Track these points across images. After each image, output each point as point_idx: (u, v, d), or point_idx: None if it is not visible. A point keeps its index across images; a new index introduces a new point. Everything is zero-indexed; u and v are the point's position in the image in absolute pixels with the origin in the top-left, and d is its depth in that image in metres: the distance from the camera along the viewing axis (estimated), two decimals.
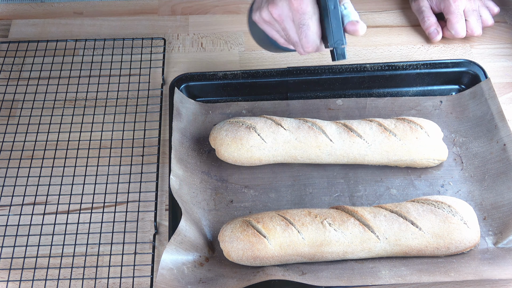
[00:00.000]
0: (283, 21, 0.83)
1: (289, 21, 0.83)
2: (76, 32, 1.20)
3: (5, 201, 0.94)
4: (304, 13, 0.80)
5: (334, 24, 0.81)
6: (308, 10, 0.80)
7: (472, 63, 1.07)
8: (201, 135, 1.01)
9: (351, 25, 0.81)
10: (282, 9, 0.82)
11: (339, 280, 0.81)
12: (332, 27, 0.81)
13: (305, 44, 0.83)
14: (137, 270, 0.86)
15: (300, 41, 0.83)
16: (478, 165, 0.96)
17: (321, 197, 0.94)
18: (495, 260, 0.84)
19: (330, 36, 0.81)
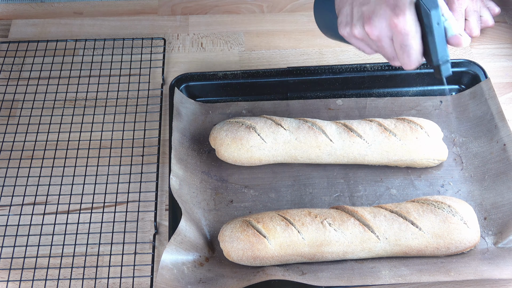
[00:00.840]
0: (381, 41, 0.78)
1: (387, 40, 0.77)
2: (76, 32, 1.20)
3: (5, 201, 0.94)
4: (407, 34, 0.75)
5: (438, 41, 0.76)
6: (411, 30, 0.75)
7: (472, 63, 1.07)
8: (201, 135, 1.01)
9: (454, 39, 0.77)
10: (381, 29, 0.76)
11: (339, 280, 0.81)
12: (436, 45, 0.76)
13: (407, 63, 0.78)
14: (137, 270, 0.86)
15: (401, 59, 0.78)
16: (478, 165, 0.96)
17: (321, 197, 0.94)
18: (495, 260, 0.84)
19: (435, 54, 0.77)
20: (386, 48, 0.78)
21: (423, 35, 0.76)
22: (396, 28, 0.75)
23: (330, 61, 1.14)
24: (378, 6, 0.76)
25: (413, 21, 0.75)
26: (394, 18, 0.74)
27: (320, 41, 1.18)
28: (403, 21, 0.74)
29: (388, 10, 0.75)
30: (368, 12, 0.76)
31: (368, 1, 0.77)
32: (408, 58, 0.77)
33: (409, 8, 0.74)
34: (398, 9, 0.74)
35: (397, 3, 0.74)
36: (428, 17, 0.75)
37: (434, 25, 0.75)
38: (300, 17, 1.23)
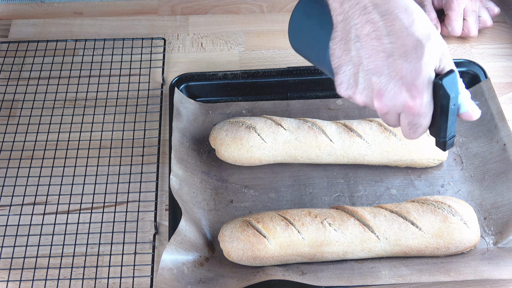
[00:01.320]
0: (387, 114, 0.71)
1: (395, 114, 0.70)
2: (76, 32, 1.20)
3: (5, 201, 0.94)
4: (419, 115, 0.68)
5: (450, 121, 0.70)
6: (425, 112, 0.68)
7: (472, 63, 1.07)
8: (201, 135, 1.01)
9: (467, 116, 0.71)
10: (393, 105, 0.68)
11: (339, 280, 0.81)
12: (448, 124, 0.70)
13: (411, 137, 0.72)
14: (137, 270, 0.86)
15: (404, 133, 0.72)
16: (478, 165, 0.96)
17: (321, 197, 0.94)
18: (495, 260, 0.84)
19: (443, 131, 0.71)
20: (391, 120, 0.72)
21: (435, 112, 0.70)
22: (411, 110, 0.68)
23: None
24: (392, 83, 0.67)
25: (429, 103, 0.68)
26: (410, 100, 0.67)
27: None
28: (420, 104, 0.67)
29: (404, 90, 0.67)
30: (379, 86, 0.68)
31: (381, 72, 0.67)
32: (413, 134, 0.71)
33: (427, 88, 0.67)
34: (415, 90, 0.66)
35: (415, 82, 0.66)
36: (447, 100, 0.68)
37: (450, 108, 0.69)
38: None
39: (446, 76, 0.67)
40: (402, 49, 0.66)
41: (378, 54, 0.67)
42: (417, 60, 0.66)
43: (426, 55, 0.66)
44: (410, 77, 0.66)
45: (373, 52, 0.67)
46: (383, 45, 0.66)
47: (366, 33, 0.67)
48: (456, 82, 0.68)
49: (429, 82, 0.67)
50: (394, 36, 0.66)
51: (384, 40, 0.66)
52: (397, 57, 0.66)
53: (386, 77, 0.67)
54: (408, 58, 0.66)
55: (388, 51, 0.66)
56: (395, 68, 0.66)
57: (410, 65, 0.66)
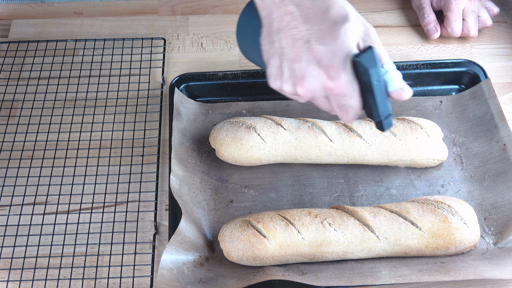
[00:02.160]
0: (316, 100, 0.73)
1: (323, 99, 0.72)
2: (76, 32, 1.20)
3: (5, 201, 0.94)
4: (344, 95, 0.70)
5: (379, 98, 0.71)
6: (348, 91, 0.70)
7: (472, 63, 1.08)
8: (201, 135, 1.01)
9: (396, 94, 0.72)
10: (314, 89, 0.70)
11: (339, 280, 0.81)
12: (377, 102, 0.72)
13: (344, 118, 0.74)
14: (137, 270, 0.86)
15: (339, 115, 0.74)
16: (478, 165, 0.96)
17: (321, 197, 0.94)
18: (495, 260, 0.84)
19: (376, 110, 0.72)
20: (322, 105, 0.74)
21: (363, 91, 0.72)
22: (332, 91, 0.70)
23: None
24: (311, 67, 0.69)
25: (349, 82, 0.69)
26: (329, 81, 0.69)
27: None
28: (339, 84, 0.69)
29: (322, 72, 0.69)
30: (299, 72, 0.70)
31: (300, 59, 0.70)
32: (346, 115, 0.73)
33: (344, 67, 0.69)
34: (333, 71, 0.68)
35: (332, 63, 0.68)
36: (367, 76, 0.70)
37: (373, 84, 0.70)
38: None
39: (363, 52, 0.69)
40: (318, 33, 0.68)
41: (297, 42, 0.69)
42: (333, 42, 0.68)
43: (342, 36, 0.68)
44: (327, 59, 0.68)
45: (292, 40, 0.70)
46: (300, 33, 0.69)
47: (285, 24, 0.70)
48: (375, 58, 0.69)
49: (347, 62, 0.69)
50: (311, 23, 0.69)
51: (301, 28, 0.69)
52: (314, 42, 0.68)
53: (305, 62, 0.69)
54: (324, 41, 0.68)
55: (305, 38, 0.69)
56: (312, 52, 0.69)
57: (326, 48, 0.68)
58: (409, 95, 0.73)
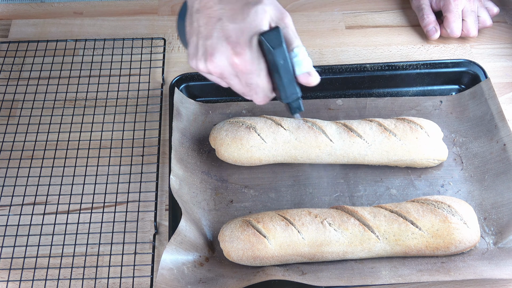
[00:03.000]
0: (226, 78, 0.75)
1: (233, 77, 0.74)
2: (76, 32, 1.20)
3: (5, 201, 0.94)
4: (250, 72, 0.73)
5: (285, 79, 0.74)
6: (253, 69, 0.72)
7: (472, 63, 1.08)
8: (201, 135, 1.01)
9: (303, 78, 0.75)
10: (223, 67, 0.73)
11: (339, 280, 0.81)
12: (283, 82, 0.74)
13: (255, 99, 0.77)
14: (137, 270, 0.86)
15: (249, 96, 0.77)
16: (478, 165, 0.96)
17: (321, 197, 0.94)
18: (495, 260, 0.84)
19: (283, 92, 0.75)
20: (234, 84, 0.76)
21: (271, 72, 0.74)
22: (238, 67, 0.72)
23: (330, 61, 1.14)
24: (220, 43, 0.72)
25: (255, 60, 0.72)
26: (234, 57, 0.71)
27: (320, 41, 1.18)
28: (243, 60, 0.71)
29: (229, 48, 0.71)
30: (210, 48, 0.72)
31: (211, 36, 0.73)
32: (256, 95, 0.76)
33: (250, 46, 0.71)
34: (239, 47, 0.71)
35: (238, 40, 0.71)
36: (272, 56, 0.72)
37: (279, 64, 0.72)
38: (300, 17, 1.23)
39: (269, 32, 0.72)
40: (230, 12, 0.72)
41: (211, 20, 0.73)
42: (242, 20, 0.72)
43: (252, 15, 0.72)
44: (235, 36, 0.71)
45: (207, 19, 0.73)
46: (215, 12, 0.73)
47: (203, 4, 0.74)
48: (280, 38, 0.72)
49: (254, 40, 0.72)
50: (225, 2, 0.73)
51: (215, 7, 0.73)
52: (225, 20, 0.72)
53: (215, 39, 0.72)
54: (235, 19, 0.72)
55: (218, 16, 0.73)
56: (223, 29, 0.72)
57: (235, 26, 0.72)
58: (316, 81, 0.76)
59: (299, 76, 0.75)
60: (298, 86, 0.76)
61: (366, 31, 1.20)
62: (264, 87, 0.75)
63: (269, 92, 0.76)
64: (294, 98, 0.76)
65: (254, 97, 0.77)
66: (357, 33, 1.20)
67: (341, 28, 1.21)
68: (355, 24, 1.22)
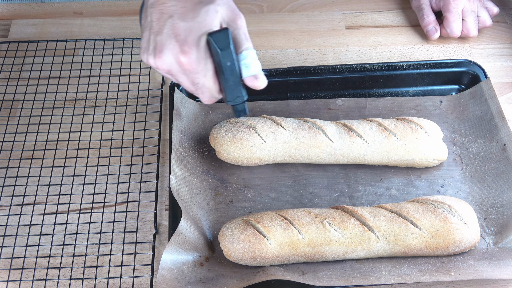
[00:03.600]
0: (174, 75, 0.75)
1: (180, 75, 0.74)
2: (76, 32, 1.20)
3: (5, 201, 0.94)
4: (196, 72, 0.73)
5: (230, 81, 0.74)
6: (199, 69, 0.73)
7: (472, 63, 1.07)
8: (201, 135, 1.01)
9: (249, 81, 0.75)
10: (170, 64, 0.73)
11: (339, 280, 0.81)
12: (228, 84, 0.74)
13: (202, 99, 0.78)
14: (137, 270, 0.86)
15: (196, 95, 0.78)
16: (478, 165, 0.96)
17: (321, 197, 0.94)
18: (495, 260, 0.84)
19: (228, 93, 0.76)
20: (181, 82, 0.76)
21: (218, 73, 0.74)
22: (184, 66, 0.72)
23: (330, 61, 1.14)
24: (169, 40, 0.72)
25: (201, 60, 0.72)
26: (181, 56, 0.71)
27: (320, 41, 1.18)
28: (190, 59, 0.71)
29: (177, 46, 0.71)
30: (160, 44, 0.72)
31: (161, 32, 0.73)
32: (202, 94, 0.76)
33: (197, 45, 0.72)
34: (186, 46, 0.71)
35: (186, 38, 0.71)
36: (219, 57, 0.72)
37: (225, 65, 0.73)
38: (300, 17, 1.23)
39: (217, 33, 0.72)
40: (182, 10, 0.73)
41: (162, 16, 0.73)
42: (192, 19, 0.72)
43: (202, 15, 0.72)
44: (184, 35, 0.71)
45: (160, 15, 0.73)
46: (167, 8, 0.73)
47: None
48: (228, 39, 0.72)
49: (202, 40, 0.72)
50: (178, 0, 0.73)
51: (169, 3, 0.73)
52: (176, 17, 0.72)
53: (165, 36, 0.72)
54: (185, 18, 0.72)
55: (170, 13, 0.73)
56: (173, 27, 0.72)
57: (185, 24, 0.72)
58: (262, 84, 0.76)
59: (245, 78, 0.75)
60: (245, 89, 0.76)
61: (366, 31, 1.20)
62: (210, 88, 0.75)
63: (216, 93, 0.77)
64: (238, 101, 0.77)
65: (200, 96, 0.78)
66: (357, 33, 1.20)
67: (341, 28, 1.21)
68: (355, 24, 1.22)
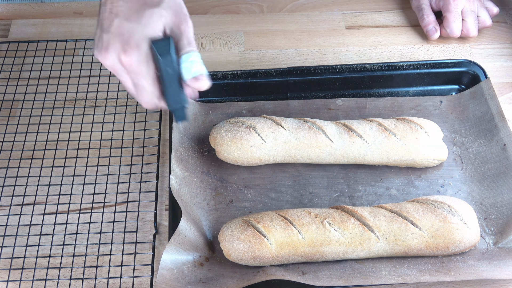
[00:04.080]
0: (118, 74, 0.76)
1: (123, 74, 0.76)
2: (76, 32, 1.20)
3: (5, 201, 0.94)
4: (137, 73, 0.74)
5: (169, 87, 0.76)
6: (140, 70, 0.74)
7: (472, 63, 1.07)
8: (201, 135, 1.01)
9: (191, 83, 0.76)
10: (114, 62, 0.74)
11: (339, 280, 0.81)
12: (168, 90, 0.76)
13: (142, 101, 0.78)
14: (137, 270, 0.86)
15: (137, 97, 0.78)
16: (478, 165, 0.96)
17: (321, 197, 0.94)
18: (495, 260, 0.84)
19: (167, 98, 0.77)
20: (124, 82, 0.77)
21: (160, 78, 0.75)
22: (124, 65, 0.74)
23: (330, 61, 1.14)
24: (114, 39, 0.73)
25: (142, 62, 0.73)
26: (122, 55, 0.73)
27: (320, 41, 1.18)
28: (130, 60, 0.73)
29: (120, 45, 0.73)
30: (106, 42, 0.74)
31: (109, 30, 0.74)
32: (141, 97, 0.77)
33: (139, 47, 0.73)
34: (127, 46, 0.73)
35: (129, 39, 0.73)
36: (159, 63, 0.73)
37: (164, 72, 0.74)
38: (300, 17, 1.23)
39: (160, 40, 0.74)
40: (128, 11, 0.74)
41: (111, 15, 0.75)
42: (136, 21, 0.73)
43: (146, 17, 0.73)
44: (127, 36, 0.73)
45: (109, 14, 0.75)
46: (116, 8, 0.75)
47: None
48: (169, 48, 0.73)
49: (144, 42, 0.73)
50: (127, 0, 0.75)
51: (118, 3, 0.75)
52: (122, 17, 0.74)
53: (111, 34, 0.74)
54: (130, 19, 0.74)
55: (117, 12, 0.74)
56: (119, 26, 0.73)
57: (129, 25, 0.73)
58: (204, 85, 0.76)
59: (187, 81, 0.76)
60: (186, 96, 0.78)
61: (366, 31, 1.20)
62: (150, 91, 0.76)
63: (156, 98, 0.78)
64: (178, 106, 0.78)
65: (140, 99, 0.78)
66: (357, 33, 1.20)
67: (341, 28, 1.21)
68: (355, 24, 1.22)
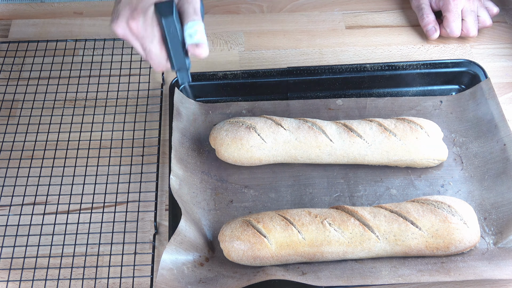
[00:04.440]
0: (129, 40, 0.81)
1: (134, 41, 0.81)
2: (76, 32, 1.20)
3: (5, 201, 0.94)
4: (143, 37, 0.79)
5: (172, 47, 0.80)
6: (146, 34, 0.79)
7: (472, 63, 1.07)
8: (201, 135, 1.01)
9: (192, 48, 0.80)
10: (124, 29, 0.80)
11: (339, 280, 0.81)
12: (171, 50, 0.80)
13: (152, 64, 0.83)
14: (137, 270, 0.86)
15: (148, 61, 0.83)
16: (478, 165, 0.96)
17: (321, 197, 0.94)
18: (495, 260, 0.84)
19: (171, 60, 0.82)
20: (136, 47, 0.82)
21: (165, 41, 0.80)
22: (133, 30, 0.79)
23: (330, 61, 1.14)
24: (124, 8, 0.79)
25: (148, 26, 0.78)
26: (130, 21, 0.78)
27: (320, 41, 1.18)
28: (137, 25, 0.78)
29: (128, 12, 0.78)
30: (117, 11, 0.80)
31: (120, 1, 0.80)
32: (151, 60, 0.82)
33: (145, 12, 0.78)
34: (135, 12, 0.78)
35: (137, 6, 0.78)
36: (162, 23, 0.78)
37: (167, 32, 0.79)
38: (300, 17, 1.23)
39: (163, 3, 0.78)
40: None
41: None
42: None
43: None
44: (136, 3, 0.79)
45: None
46: None
47: None
48: (171, 8, 0.78)
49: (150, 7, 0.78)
50: None
51: None
52: None
53: (122, 5, 0.80)
54: None
55: None
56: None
57: None
58: (204, 53, 0.81)
59: (188, 46, 0.80)
60: (188, 58, 0.82)
61: (366, 31, 1.20)
62: (157, 54, 0.81)
63: (163, 60, 0.82)
64: (182, 67, 0.82)
65: (150, 63, 0.83)
66: (357, 33, 1.20)
67: (341, 28, 1.21)
68: (355, 24, 1.22)
